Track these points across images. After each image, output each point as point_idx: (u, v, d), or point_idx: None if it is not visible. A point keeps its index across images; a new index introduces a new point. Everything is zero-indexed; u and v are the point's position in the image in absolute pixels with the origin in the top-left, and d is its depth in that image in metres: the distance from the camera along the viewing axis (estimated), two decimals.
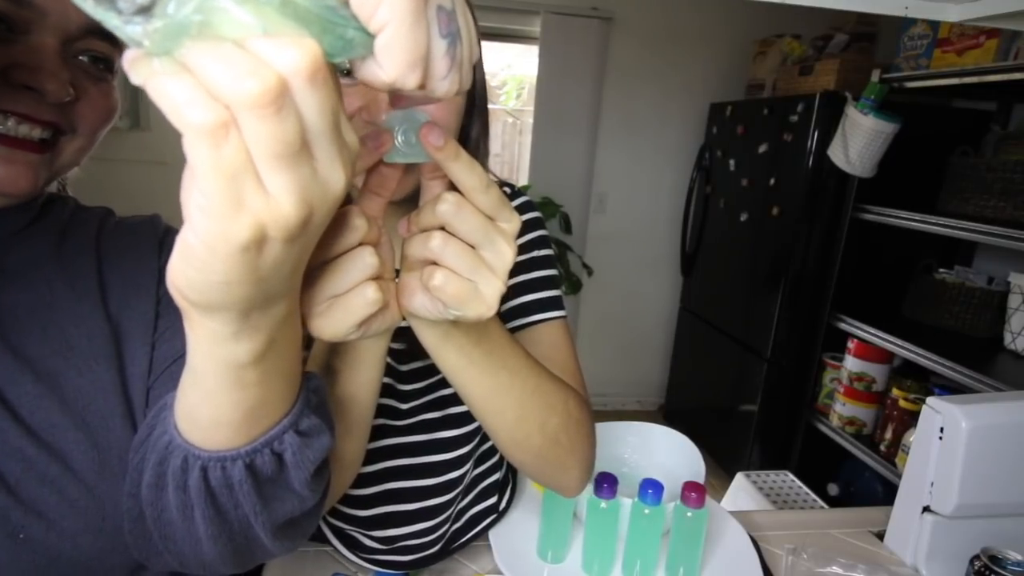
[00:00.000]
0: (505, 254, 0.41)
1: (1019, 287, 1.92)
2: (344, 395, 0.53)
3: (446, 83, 0.33)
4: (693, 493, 0.69)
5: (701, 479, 0.77)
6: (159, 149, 2.76)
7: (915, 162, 2.24)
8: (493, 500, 0.82)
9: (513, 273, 0.51)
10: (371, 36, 0.28)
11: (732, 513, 0.87)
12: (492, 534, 0.79)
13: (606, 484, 0.71)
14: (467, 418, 0.72)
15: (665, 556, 0.74)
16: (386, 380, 0.66)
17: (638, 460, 0.90)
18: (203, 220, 0.27)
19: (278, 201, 0.27)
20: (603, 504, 0.71)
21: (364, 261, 0.40)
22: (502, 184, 0.72)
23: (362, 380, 0.52)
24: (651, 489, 0.69)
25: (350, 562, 0.77)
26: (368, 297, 0.40)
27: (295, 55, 0.25)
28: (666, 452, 0.89)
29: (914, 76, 2.08)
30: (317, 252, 0.37)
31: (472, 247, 0.41)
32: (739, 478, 1.68)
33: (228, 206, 0.26)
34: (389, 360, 0.66)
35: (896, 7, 0.84)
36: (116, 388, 0.54)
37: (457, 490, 0.75)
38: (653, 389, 3.45)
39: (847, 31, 2.48)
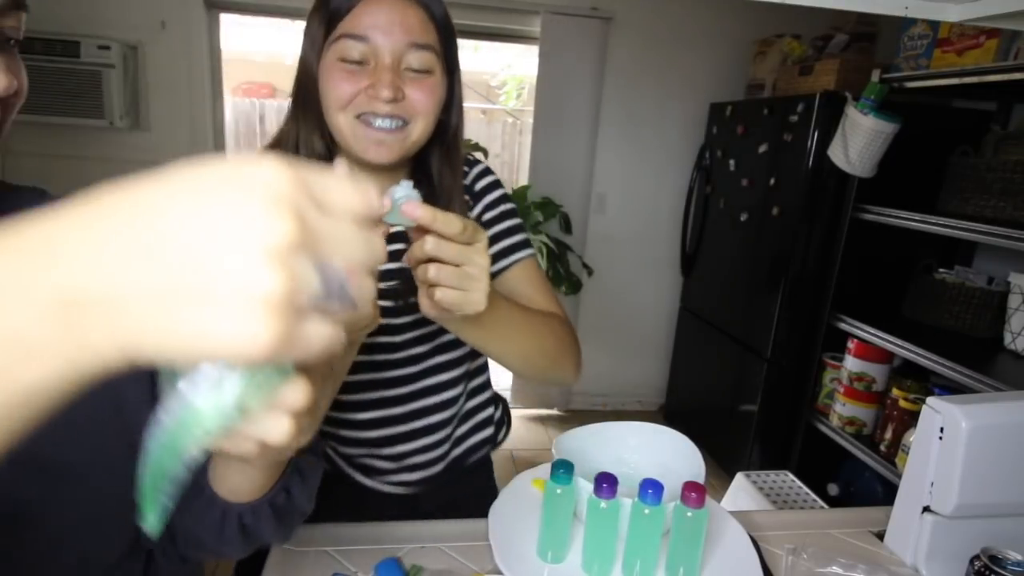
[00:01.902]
0: (481, 263, 0.57)
1: (1019, 287, 1.92)
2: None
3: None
4: (693, 493, 0.69)
5: (701, 479, 0.77)
6: (159, 149, 2.76)
7: (915, 162, 2.24)
8: (490, 432, 0.93)
9: (486, 227, 0.81)
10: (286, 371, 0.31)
11: (732, 513, 0.87)
12: (492, 534, 0.79)
13: (606, 484, 0.71)
14: (455, 344, 0.85)
15: (665, 556, 0.74)
16: (382, 320, 0.75)
17: (638, 460, 0.90)
18: None
19: None
20: (603, 504, 0.71)
21: None
22: (470, 163, 0.88)
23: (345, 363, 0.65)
24: (651, 489, 0.69)
25: (368, 489, 0.87)
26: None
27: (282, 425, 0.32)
28: (666, 452, 0.89)
29: (914, 76, 2.08)
30: None
31: (457, 265, 0.56)
32: (739, 478, 1.68)
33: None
34: (382, 302, 0.78)
35: (896, 7, 0.84)
36: None
37: (451, 411, 0.88)
38: (653, 389, 3.45)
39: (847, 31, 2.48)
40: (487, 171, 0.89)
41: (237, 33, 4.40)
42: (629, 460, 0.90)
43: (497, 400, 0.96)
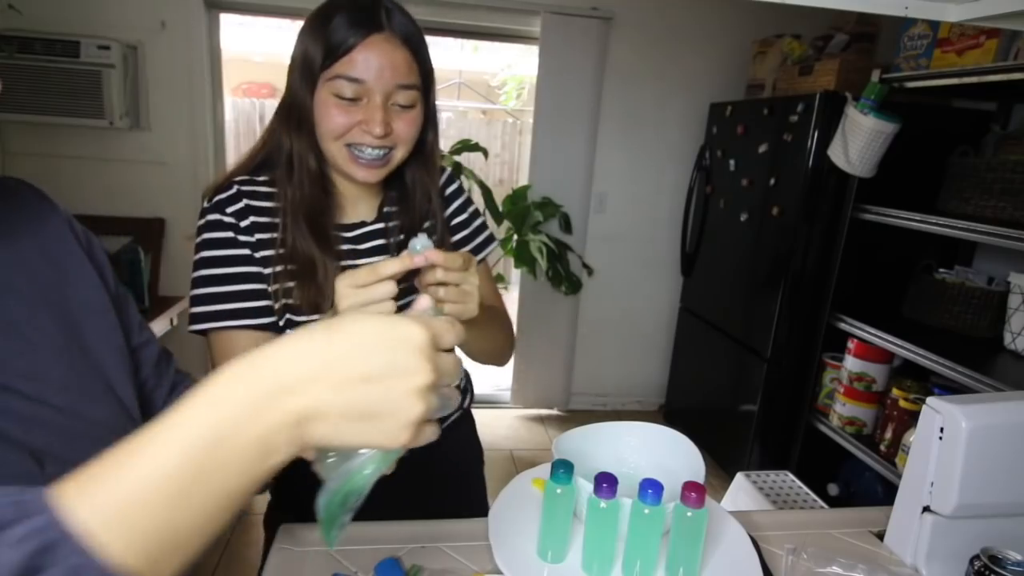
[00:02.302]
0: (474, 282, 0.76)
1: (1019, 287, 1.92)
2: None
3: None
4: (693, 493, 0.69)
5: (701, 479, 0.77)
6: (159, 149, 2.76)
7: (915, 162, 2.24)
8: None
9: (456, 230, 1.00)
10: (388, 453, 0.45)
11: (732, 513, 0.87)
12: (492, 534, 0.79)
13: (606, 484, 0.71)
14: None
15: (665, 556, 0.74)
16: None
17: (638, 460, 0.90)
18: None
19: None
20: (603, 504, 0.71)
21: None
22: (442, 169, 0.99)
23: None
24: (651, 489, 0.69)
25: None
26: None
27: None
28: (666, 452, 0.89)
29: (914, 76, 2.08)
30: None
31: (457, 285, 0.74)
32: (739, 478, 1.69)
33: None
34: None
35: (896, 7, 0.84)
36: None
37: None
38: (653, 389, 3.45)
39: (847, 31, 2.48)
40: (452, 177, 1.02)
41: (237, 33, 4.41)
42: (629, 460, 0.90)
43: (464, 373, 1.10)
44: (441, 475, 1.01)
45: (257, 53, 5.25)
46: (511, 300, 3.94)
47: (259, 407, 0.37)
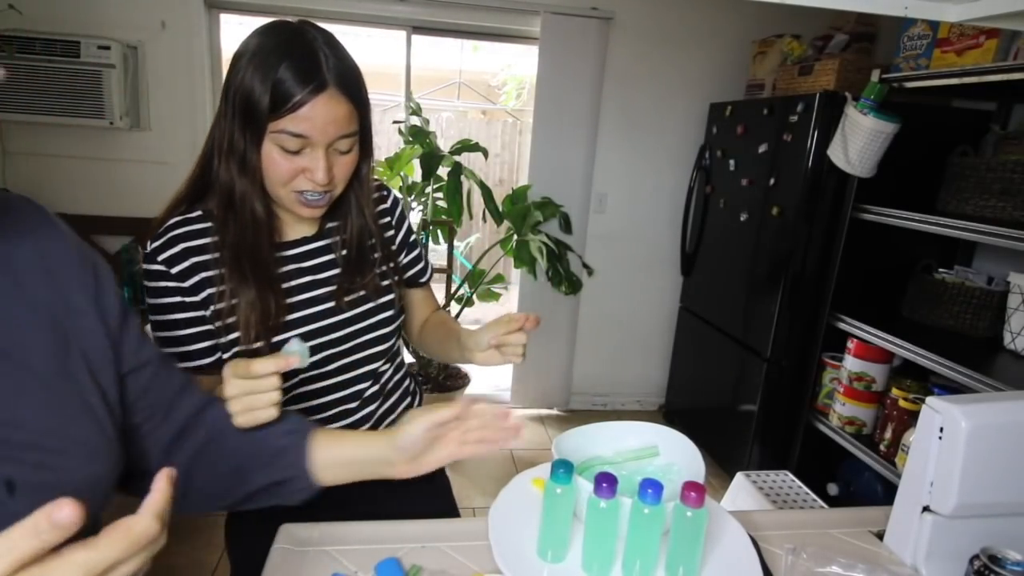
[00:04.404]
0: (520, 343, 0.91)
1: (1019, 287, 1.92)
2: None
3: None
4: (693, 493, 0.69)
5: (701, 479, 0.77)
6: (159, 149, 2.76)
7: (915, 162, 2.24)
8: (407, 403, 1.11)
9: (408, 248, 1.08)
10: None
11: (732, 513, 0.87)
12: (492, 534, 0.79)
13: (606, 484, 0.71)
14: (383, 339, 1.01)
15: (665, 556, 0.74)
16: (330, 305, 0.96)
17: (638, 460, 0.90)
18: None
19: None
20: (603, 504, 0.71)
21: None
22: (387, 188, 1.07)
23: None
24: (651, 489, 0.69)
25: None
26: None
27: None
28: (666, 452, 0.89)
29: (914, 76, 2.09)
30: None
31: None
32: (739, 478, 1.69)
33: None
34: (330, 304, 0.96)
35: (896, 7, 0.84)
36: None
37: (379, 383, 1.03)
38: (653, 389, 3.45)
39: (847, 31, 2.48)
40: (395, 197, 1.10)
41: (237, 33, 4.41)
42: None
43: (411, 384, 1.14)
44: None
45: None
46: (511, 300, 3.94)
47: None
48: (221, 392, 0.72)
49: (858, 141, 2.09)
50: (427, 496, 1.08)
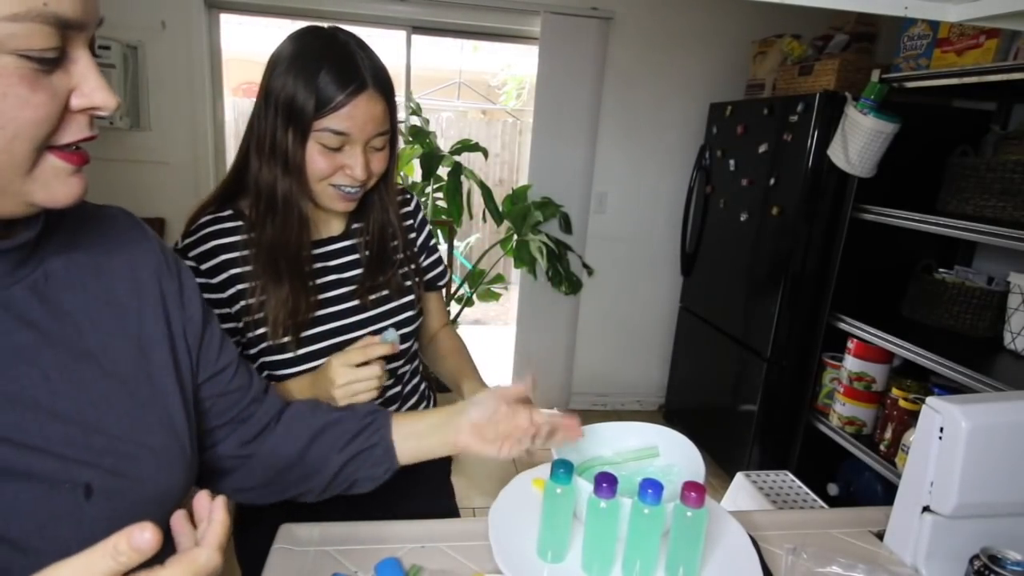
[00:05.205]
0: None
1: (1019, 287, 1.92)
2: None
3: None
4: (693, 493, 0.69)
5: (701, 479, 0.77)
6: (159, 149, 2.76)
7: (915, 162, 2.24)
8: (424, 406, 1.13)
9: (428, 252, 1.11)
10: None
11: (732, 513, 0.87)
12: (492, 534, 0.79)
13: (606, 484, 0.71)
14: (404, 339, 1.01)
15: (665, 556, 0.74)
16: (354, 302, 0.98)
17: (638, 460, 0.90)
18: None
19: None
20: (603, 504, 0.71)
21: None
22: (401, 191, 1.07)
23: None
24: (651, 489, 0.69)
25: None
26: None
27: None
28: (666, 452, 0.89)
29: (914, 76, 2.08)
30: None
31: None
32: (739, 478, 1.69)
33: None
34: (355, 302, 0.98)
35: (896, 7, 0.84)
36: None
37: (400, 384, 1.05)
38: (653, 389, 3.45)
39: (847, 31, 2.48)
40: (417, 203, 1.13)
41: (237, 33, 4.40)
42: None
43: (425, 389, 1.16)
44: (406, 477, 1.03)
45: (257, 53, 5.24)
46: (511, 300, 3.94)
47: None
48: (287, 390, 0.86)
49: (858, 141, 2.08)
50: (427, 496, 1.08)
